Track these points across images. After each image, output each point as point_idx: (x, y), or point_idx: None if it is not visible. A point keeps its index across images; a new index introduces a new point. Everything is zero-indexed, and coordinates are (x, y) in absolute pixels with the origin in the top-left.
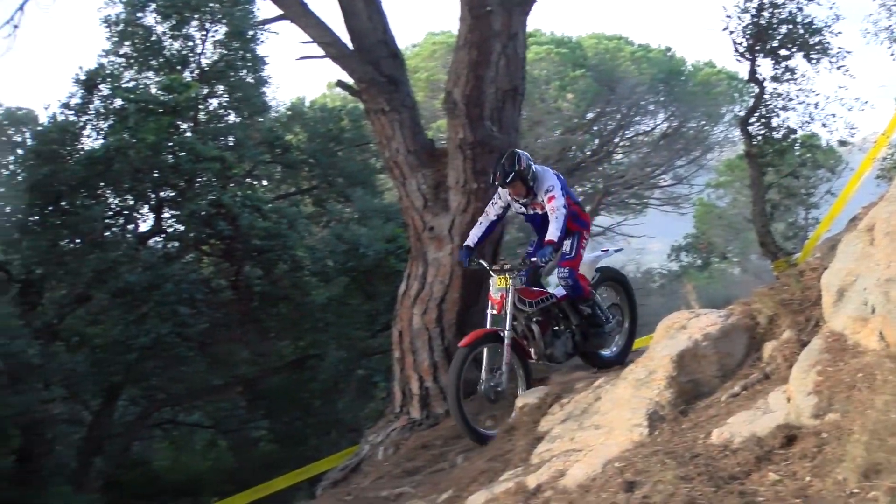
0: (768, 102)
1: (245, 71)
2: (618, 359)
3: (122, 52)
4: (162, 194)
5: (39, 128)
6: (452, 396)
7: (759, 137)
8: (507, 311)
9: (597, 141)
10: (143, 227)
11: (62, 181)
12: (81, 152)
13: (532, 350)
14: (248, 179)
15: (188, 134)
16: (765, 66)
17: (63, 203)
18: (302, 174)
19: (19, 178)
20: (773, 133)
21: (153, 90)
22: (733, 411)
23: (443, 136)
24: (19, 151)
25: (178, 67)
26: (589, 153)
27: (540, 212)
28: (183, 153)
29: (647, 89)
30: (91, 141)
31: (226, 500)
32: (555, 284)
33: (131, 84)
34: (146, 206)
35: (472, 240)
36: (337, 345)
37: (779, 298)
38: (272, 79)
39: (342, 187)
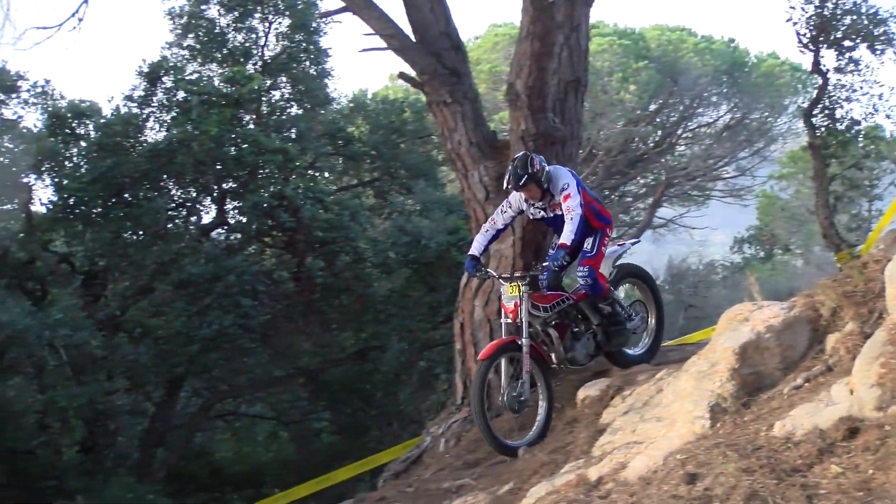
0: (832, 94)
1: (308, 63)
2: (645, 357)
3: (185, 44)
4: (224, 186)
5: (103, 120)
6: (477, 411)
7: (823, 129)
8: (523, 319)
9: (659, 132)
10: (206, 218)
11: (125, 173)
12: (144, 144)
13: (552, 355)
14: (310, 171)
15: (251, 126)
16: (828, 57)
17: (126, 195)
18: (364, 166)
19: (83, 170)
20: (837, 124)
21: (216, 82)
22: (795, 403)
23: (505, 128)
24: (83, 144)
25: (241, 59)
26: (651, 145)
27: (559, 212)
28: (245, 145)
29: (710, 81)
30: (154, 133)
31: (287, 492)
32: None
33: (194, 76)
34: (209, 198)
35: (477, 248)
36: (398, 336)
37: (842, 290)
38: (335, 71)
39: (404, 179)
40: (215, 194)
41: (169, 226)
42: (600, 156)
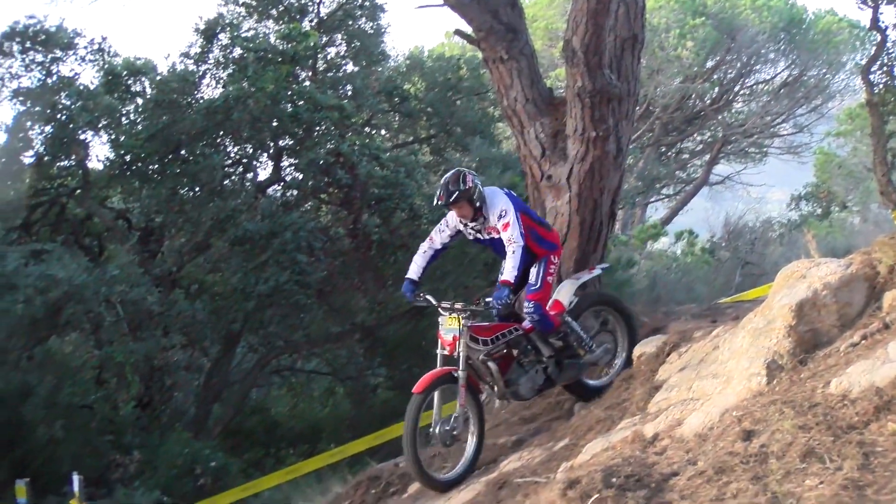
0: (890, 51)
1: (363, 20)
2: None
3: (241, 1)
4: (280, 143)
5: (159, 77)
6: (408, 444)
7: (881, 86)
8: (460, 353)
9: (716, 89)
10: (262, 175)
11: (182, 130)
12: (201, 101)
13: (494, 388)
14: (366, 128)
15: (307, 83)
16: (888, 14)
17: (183, 152)
18: (420, 123)
19: (139, 127)
20: (895, 82)
21: (272, 39)
22: (852, 361)
23: (561, 85)
24: (139, 101)
25: (297, 16)
26: (708, 101)
27: (496, 236)
28: (301, 102)
29: (767, 38)
30: (210, 90)
31: (343, 447)
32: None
33: (250, 33)
34: (265, 155)
35: (415, 272)
36: (454, 293)
37: None
38: (390, 28)
39: (460, 136)
40: (271, 151)
41: (225, 182)
42: (657, 112)
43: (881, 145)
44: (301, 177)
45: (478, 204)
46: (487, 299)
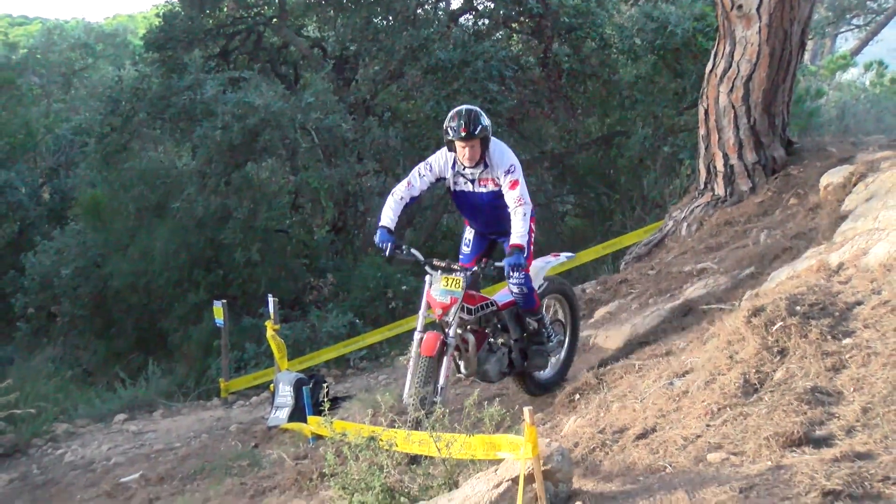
0: None
1: None
2: (555, 379)
3: None
4: None
5: None
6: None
7: None
8: (453, 318)
9: None
10: (455, 4)
11: None
12: None
13: (462, 364)
14: None
15: None
16: None
17: None
18: None
19: None
20: None
21: None
22: None
23: None
24: None
25: None
26: None
27: (491, 189)
28: None
29: None
30: None
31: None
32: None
33: None
34: None
35: (390, 220)
36: (643, 122)
37: None
38: None
39: None
40: None
41: (418, 11)
42: None
43: None
44: (493, 5)
45: (486, 149)
46: (497, 263)
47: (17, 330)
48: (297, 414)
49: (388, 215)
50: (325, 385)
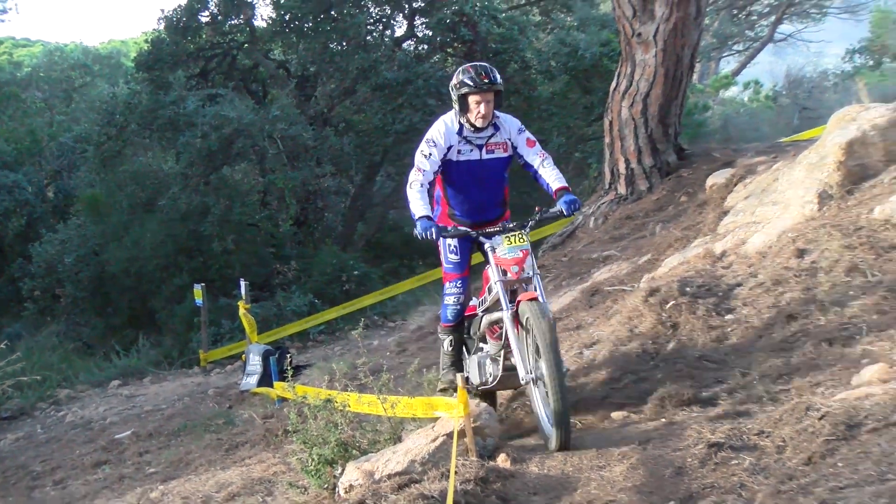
0: None
1: None
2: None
3: None
4: (414, 4)
5: None
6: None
7: None
8: (535, 274)
9: None
10: (399, 32)
11: None
12: None
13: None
14: None
15: None
16: None
17: (332, 12)
18: None
19: None
20: None
21: None
22: (895, 191)
23: None
24: None
25: None
26: None
27: (499, 154)
28: None
29: None
30: None
31: None
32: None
33: None
34: (401, 15)
35: (424, 208)
36: (558, 132)
37: None
38: None
39: (565, 1)
40: (406, 11)
41: (368, 38)
42: None
43: None
44: (431, 33)
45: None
46: (553, 209)
47: (25, 309)
48: (265, 380)
49: (421, 205)
50: (288, 355)
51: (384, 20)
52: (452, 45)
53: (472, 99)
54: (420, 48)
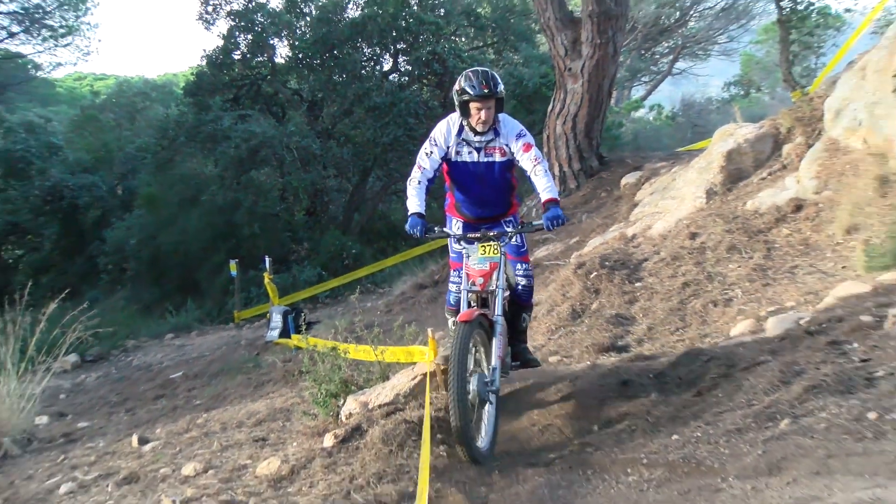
0: None
1: None
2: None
3: None
4: (398, 46)
5: (321, 2)
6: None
7: (788, 9)
8: (499, 288)
9: (678, 13)
10: (386, 67)
11: (335, 37)
12: (347, 19)
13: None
14: (453, 37)
15: (415, 7)
16: None
17: (335, 52)
18: (487, 34)
19: (307, 36)
20: (798, 5)
21: None
22: (762, 188)
23: (578, 9)
24: (307, 18)
25: None
26: (672, 21)
27: (498, 158)
28: (411, 20)
29: None
30: (353, 11)
31: (438, 241)
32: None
33: None
34: (387, 54)
35: (420, 205)
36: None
37: (795, 116)
38: None
39: (513, 42)
40: (392, 51)
41: (362, 71)
42: (640, 28)
43: (786, 49)
44: (411, 68)
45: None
46: (536, 222)
47: (101, 280)
48: (285, 333)
49: (415, 202)
50: (302, 314)
51: (375, 58)
52: (427, 76)
53: (472, 105)
54: (402, 79)
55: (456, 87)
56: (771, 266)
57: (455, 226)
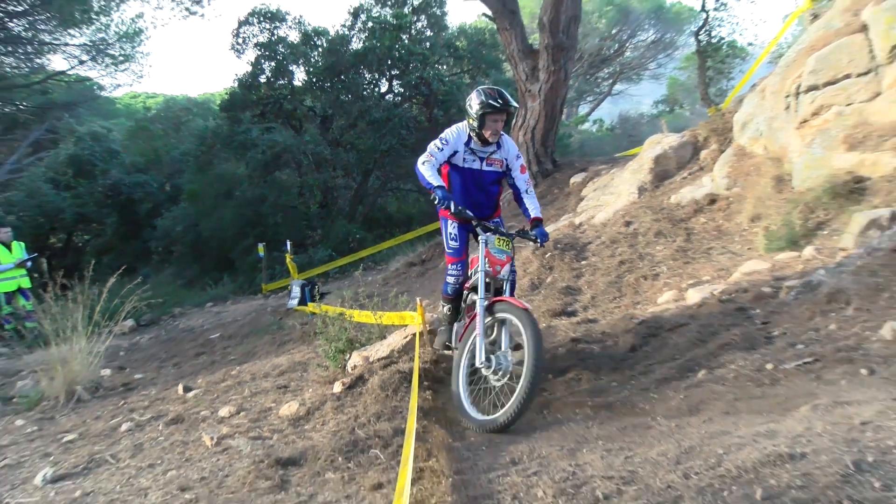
0: (710, 22)
1: (436, 7)
2: None
3: None
4: (392, 72)
5: (330, 37)
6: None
7: (705, 41)
8: (507, 276)
9: (616, 45)
10: (383, 89)
11: (341, 65)
12: (351, 50)
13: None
14: (437, 65)
15: (406, 41)
16: (709, 2)
17: (342, 76)
18: (464, 62)
19: (319, 63)
20: (712, 40)
21: (388, 17)
22: (683, 185)
23: (537, 42)
24: (319, 49)
25: (402, 4)
26: (612, 52)
27: (496, 169)
28: (403, 51)
29: (644, 16)
30: (356, 44)
31: (425, 228)
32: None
33: (377, 14)
34: (384, 78)
35: (441, 180)
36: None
37: (710, 128)
38: (450, 11)
39: (485, 69)
40: (387, 76)
41: (364, 92)
42: (586, 57)
43: (703, 73)
44: (403, 90)
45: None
46: (531, 233)
47: (152, 259)
48: (303, 302)
49: (436, 177)
50: (316, 286)
51: (374, 81)
52: (416, 97)
53: (490, 118)
54: (396, 99)
55: (476, 100)
56: (690, 248)
57: (450, 228)
